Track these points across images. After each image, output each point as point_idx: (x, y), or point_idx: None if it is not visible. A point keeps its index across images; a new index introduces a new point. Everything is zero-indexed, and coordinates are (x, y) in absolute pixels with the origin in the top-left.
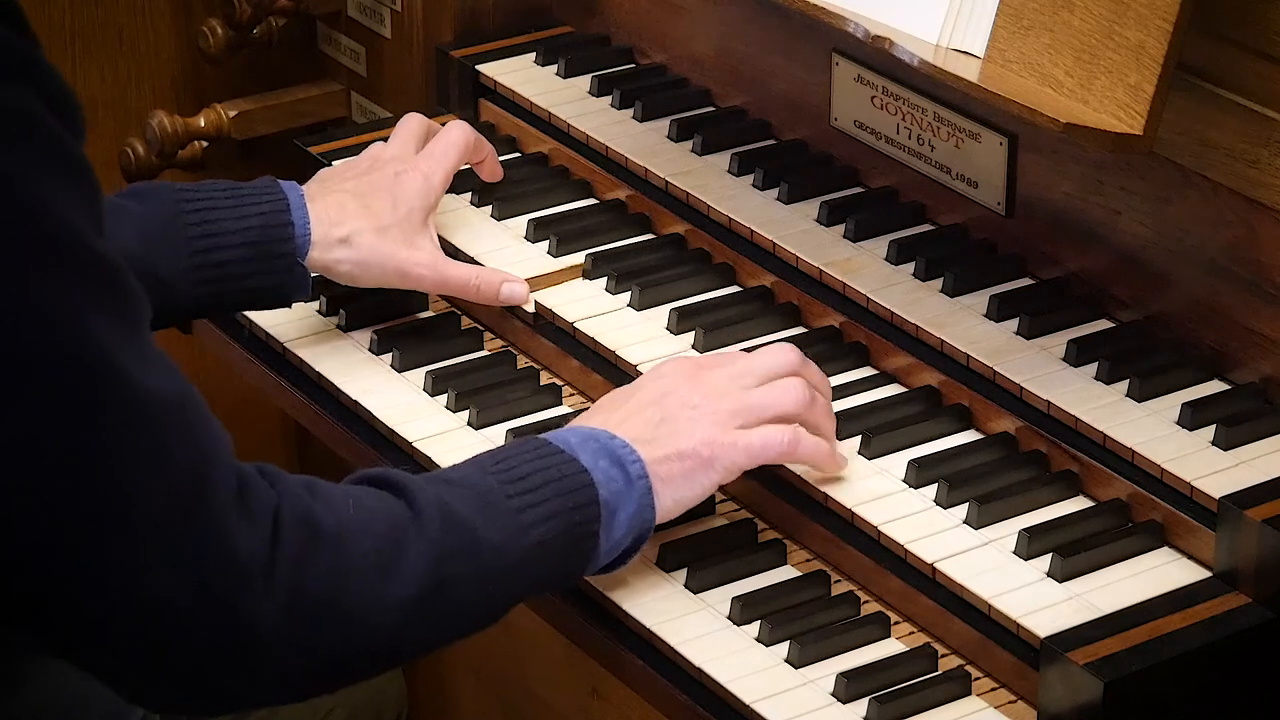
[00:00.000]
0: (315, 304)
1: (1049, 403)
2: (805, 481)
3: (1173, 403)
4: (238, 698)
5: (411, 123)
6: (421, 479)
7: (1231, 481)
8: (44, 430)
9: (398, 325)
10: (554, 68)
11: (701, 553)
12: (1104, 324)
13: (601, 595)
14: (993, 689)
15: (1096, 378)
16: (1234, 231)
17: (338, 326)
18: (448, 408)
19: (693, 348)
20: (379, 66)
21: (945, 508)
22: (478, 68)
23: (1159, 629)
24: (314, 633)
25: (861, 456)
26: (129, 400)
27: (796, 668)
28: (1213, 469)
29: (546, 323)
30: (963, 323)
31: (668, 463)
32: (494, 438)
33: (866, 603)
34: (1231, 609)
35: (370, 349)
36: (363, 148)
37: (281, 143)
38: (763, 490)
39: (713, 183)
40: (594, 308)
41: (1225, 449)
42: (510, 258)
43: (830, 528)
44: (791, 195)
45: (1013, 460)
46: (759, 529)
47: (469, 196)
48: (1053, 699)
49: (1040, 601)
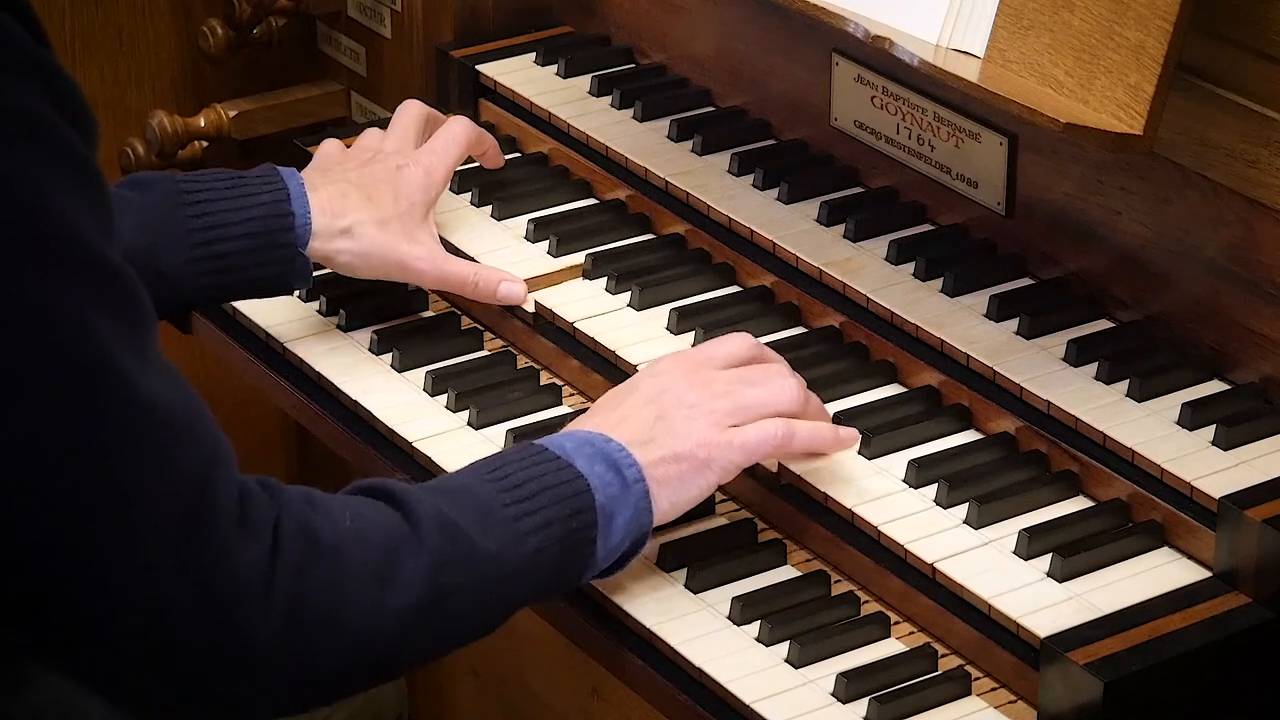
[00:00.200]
0: (315, 304)
1: (1049, 403)
2: (805, 481)
3: (1173, 403)
4: (236, 707)
5: (411, 111)
6: (418, 489)
7: (1231, 481)
8: (44, 431)
9: (398, 325)
10: (554, 68)
11: (701, 553)
12: (1104, 324)
13: (602, 595)
14: (993, 689)
15: (1096, 378)
16: (1234, 231)
17: (338, 326)
18: (448, 408)
19: (693, 348)
20: (379, 66)
21: (945, 508)
22: (478, 68)
23: (1159, 629)
24: (313, 643)
25: (861, 456)
26: (129, 402)
27: (796, 668)
28: (1213, 469)
29: (546, 323)
30: (963, 323)
31: (664, 465)
32: (494, 438)
33: (866, 603)
34: (1231, 609)
35: (370, 349)
36: None
37: (281, 143)
38: (763, 490)
39: (713, 183)
40: (594, 308)
41: (1225, 449)
42: (510, 257)
43: (830, 528)
44: (791, 195)
45: (1013, 460)
46: (759, 529)
47: (469, 196)
48: (1053, 699)
49: (1040, 601)
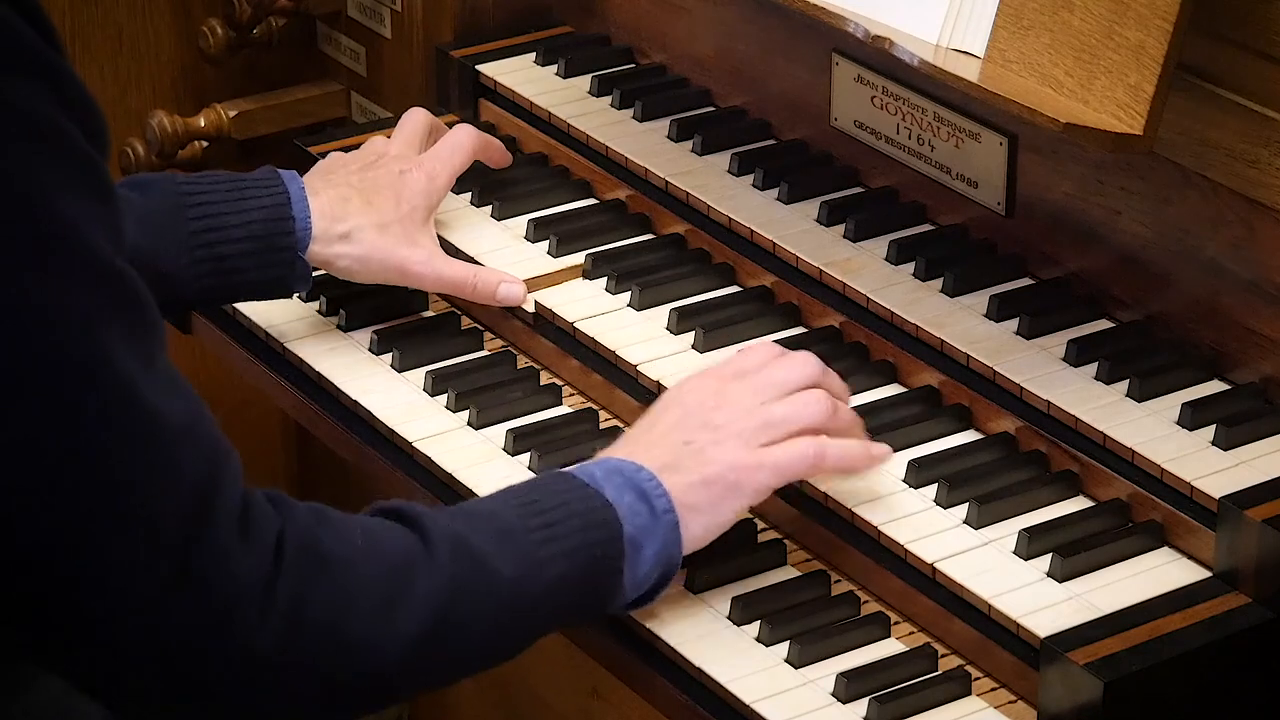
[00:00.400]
0: (315, 304)
1: (1049, 403)
2: (805, 481)
3: (1173, 403)
4: (235, 714)
5: (416, 118)
6: (438, 513)
7: (1231, 481)
8: (43, 430)
9: (398, 325)
10: (554, 68)
11: (701, 553)
12: (1104, 324)
13: None
14: (993, 689)
15: (1096, 378)
16: (1234, 231)
17: (338, 326)
18: (448, 408)
19: (693, 348)
20: (379, 66)
21: (945, 508)
22: (478, 68)
23: (1159, 629)
24: (314, 661)
25: None
26: (128, 403)
27: (796, 668)
28: (1213, 469)
29: (546, 323)
30: (963, 323)
31: (694, 490)
32: (494, 438)
33: (866, 603)
34: (1231, 609)
35: (370, 349)
36: None
37: (281, 143)
38: None
39: (713, 183)
40: (594, 308)
41: (1225, 449)
42: (510, 258)
43: (830, 527)
44: (791, 195)
45: (1013, 460)
46: (759, 529)
47: (469, 196)
48: (1053, 699)
49: (1040, 601)
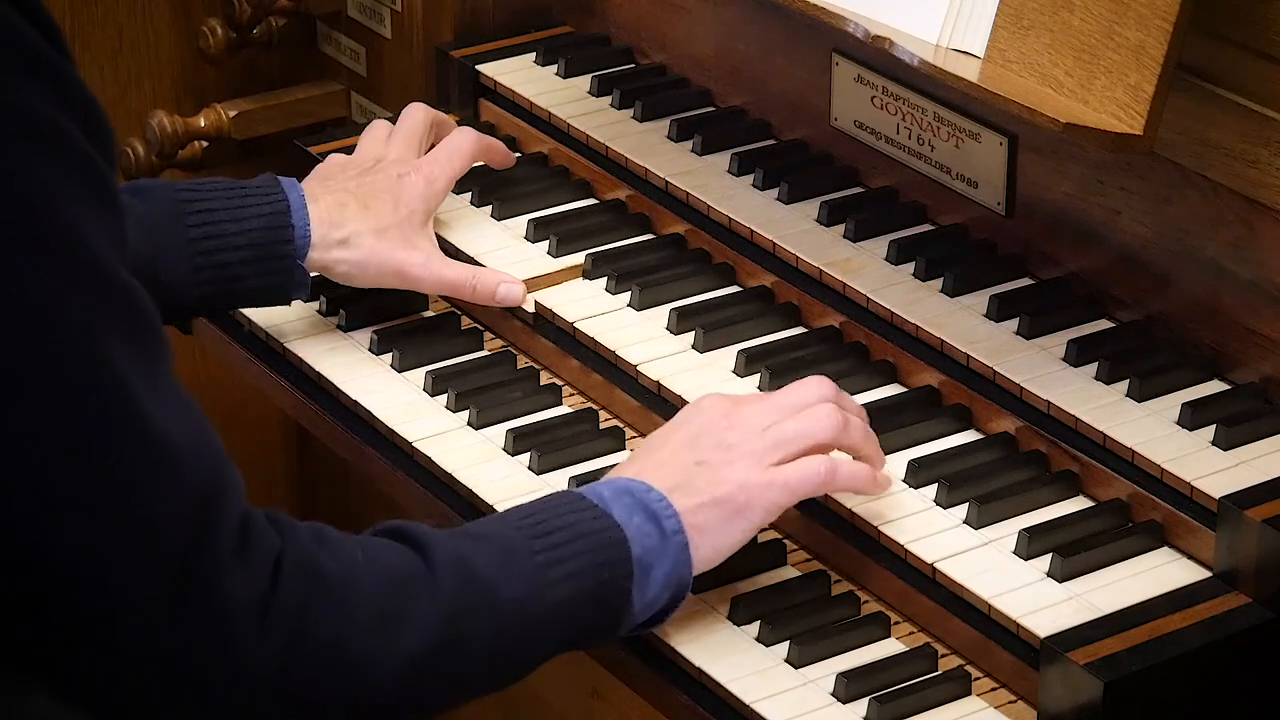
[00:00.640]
0: (315, 304)
1: (1049, 403)
2: None
3: (1173, 403)
4: None
5: (415, 117)
6: (442, 533)
7: (1231, 481)
8: (43, 432)
9: (398, 325)
10: (554, 68)
11: None
12: (1104, 324)
13: None
14: (993, 689)
15: (1096, 378)
16: (1234, 231)
17: (338, 326)
18: (448, 408)
19: (693, 348)
20: (379, 66)
21: (945, 508)
22: (478, 68)
23: (1159, 629)
24: (314, 680)
25: None
26: (130, 404)
27: (796, 668)
28: (1213, 469)
29: (546, 323)
30: (963, 323)
31: (704, 511)
32: (494, 438)
33: (866, 603)
34: (1231, 609)
35: (370, 349)
36: None
37: (281, 143)
38: None
39: (713, 183)
40: (594, 308)
41: (1225, 449)
42: (510, 258)
43: (830, 527)
44: (791, 195)
45: (1013, 460)
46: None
47: (469, 196)
48: (1053, 699)
49: (1040, 601)
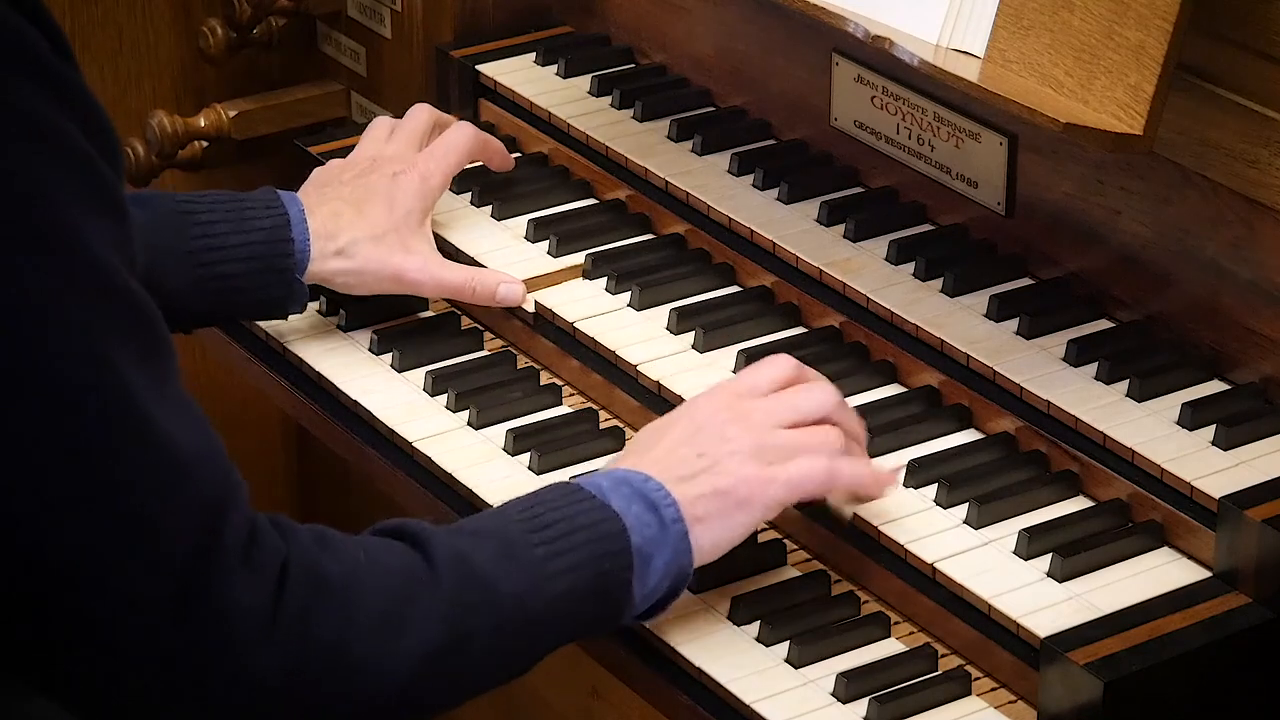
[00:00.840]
0: (315, 304)
1: (1049, 403)
2: None
3: (1173, 403)
4: None
5: (419, 116)
6: (441, 530)
7: (1231, 481)
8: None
9: (398, 325)
10: (554, 68)
11: None
12: (1104, 324)
13: None
14: (993, 689)
15: (1096, 378)
16: (1234, 231)
17: (338, 326)
18: (448, 408)
19: (693, 348)
20: (379, 66)
21: (945, 508)
22: (478, 68)
23: (1159, 629)
24: (316, 684)
25: None
26: (130, 404)
27: (796, 668)
28: (1213, 469)
29: (546, 323)
30: (963, 323)
31: (704, 502)
32: (494, 438)
33: (866, 603)
34: (1231, 609)
35: (370, 349)
36: None
37: (281, 143)
38: None
39: (713, 183)
40: (594, 308)
41: (1225, 449)
42: (510, 258)
43: (829, 527)
44: (791, 195)
45: (1013, 460)
46: (759, 529)
47: (469, 196)
48: (1053, 699)
49: (1040, 601)
